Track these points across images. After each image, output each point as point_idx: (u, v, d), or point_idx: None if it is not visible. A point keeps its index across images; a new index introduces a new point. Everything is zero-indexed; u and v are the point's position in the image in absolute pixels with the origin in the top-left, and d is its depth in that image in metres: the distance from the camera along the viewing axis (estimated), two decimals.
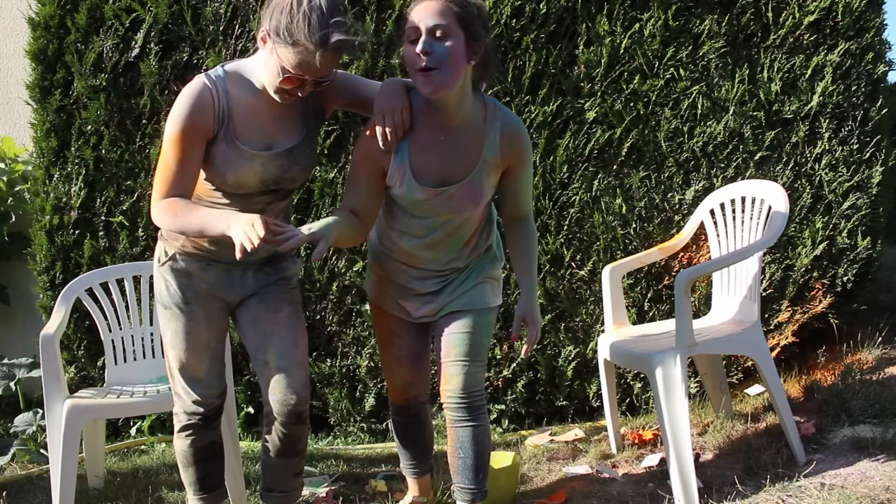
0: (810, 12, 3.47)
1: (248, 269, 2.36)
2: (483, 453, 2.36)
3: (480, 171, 2.25)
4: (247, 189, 2.21)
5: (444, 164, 2.23)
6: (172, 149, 2.11)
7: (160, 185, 2.14)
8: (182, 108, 2.10)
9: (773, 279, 3.51)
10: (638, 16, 3.55)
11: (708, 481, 2.74)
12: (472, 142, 2.23)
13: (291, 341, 2.32)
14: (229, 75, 2.16)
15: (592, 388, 3.59)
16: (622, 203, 3.56)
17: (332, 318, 3.70)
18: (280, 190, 2.27)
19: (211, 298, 2.34)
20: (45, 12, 3.77)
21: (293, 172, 2.23)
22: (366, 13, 3.61)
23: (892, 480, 2.57)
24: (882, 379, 3.29)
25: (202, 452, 2.40)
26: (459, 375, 2.31)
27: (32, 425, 3.69)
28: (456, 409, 2.34)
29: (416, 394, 2.57)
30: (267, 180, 2.20)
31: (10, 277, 4.38)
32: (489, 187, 2.29)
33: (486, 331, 2.38)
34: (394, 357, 2.52)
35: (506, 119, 2.27)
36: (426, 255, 2.36)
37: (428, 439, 2.66)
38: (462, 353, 2.32)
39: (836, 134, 3.50)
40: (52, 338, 2.85)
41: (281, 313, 2.34)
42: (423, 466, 2.67)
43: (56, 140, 3.78)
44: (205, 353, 2.34)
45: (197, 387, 2.36)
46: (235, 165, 2.15)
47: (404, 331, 2.48)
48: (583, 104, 3.57)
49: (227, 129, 2.13)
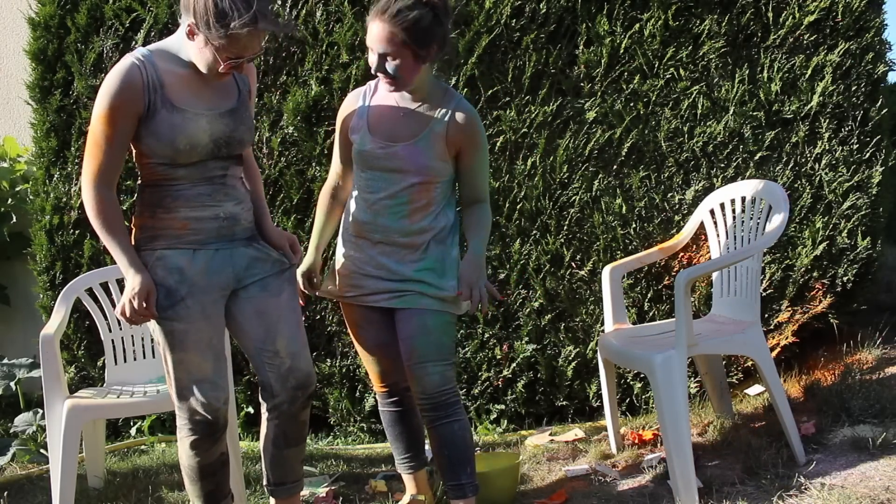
0: (810, 12, 3.47)
1: (237, 246, 2.33)
2: (466, 447, 2.44)
3: (426, 139, 2.43)
4: (200, 152, 2.22)
5: (395, 125, 2.46)
6: (102, 125, 2.16)
7: (91, 162, 2.19)
8: (111, 85, 2.15)
9: (773, 279, 3.51)
10: (638, 16, 3.55)
11: (708, 481, 2.74)
12: (424, 113, 2.46)
13: (296, 323, 2.36)
14: (155, 53, 2.22)
15: (592, 388, 3.59)
16: (622, 203, 3.56)
17: (332, 318, 3.70)
18: (232, 155, 2.31)
19: (205, 290, 2.27)
20: (45, 12, 3.77)
21: (240, 132, 2.29)
22: (366, 13, 3.60)
23: (892, 480, 2.57)
24: (882, 379, 3.29)
25: (210, 467, 2.34)
26: (426, 377, 2.41)
27: (32, 425, 3.69)
28: (430, 410, 2.43)
29: (395, 380, 2.62)
30: (217, 139, 2.24)
31: (10, 277, 4.38)
32: (434, 159, 2.44)
33: (446, 329, 2.47)
34: (363, 346, 2.61)
35: (460, 104, 2.47)
36: (369, 220, 2.48)
37: (417, 430, 2.69)
38: (423, 354, 2.42)
39: (836, 134, 3.50)
40: (52, 338, 2.85)
41: (283, 295, 2.35)
42: (417, 460, 2.69)
43: (56, 140, 3.78)
44: (208, 351, 2.27)
45: (204, 388, 2.25)
46: (183, 127, 2.18)
47: (366, 322, 2.56)
48: (583, 104, 3.57)
49: (161, 98, 2.17)
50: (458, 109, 2.45)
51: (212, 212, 2.27)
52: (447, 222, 2.51)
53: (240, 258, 2.33)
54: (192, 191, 2.25)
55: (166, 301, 2.24)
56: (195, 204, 2.26)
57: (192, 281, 2.26)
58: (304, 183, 3.68)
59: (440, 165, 2.45)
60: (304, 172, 3.68)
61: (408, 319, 2.45)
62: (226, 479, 2.42)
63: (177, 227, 2.25)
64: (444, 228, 2.50)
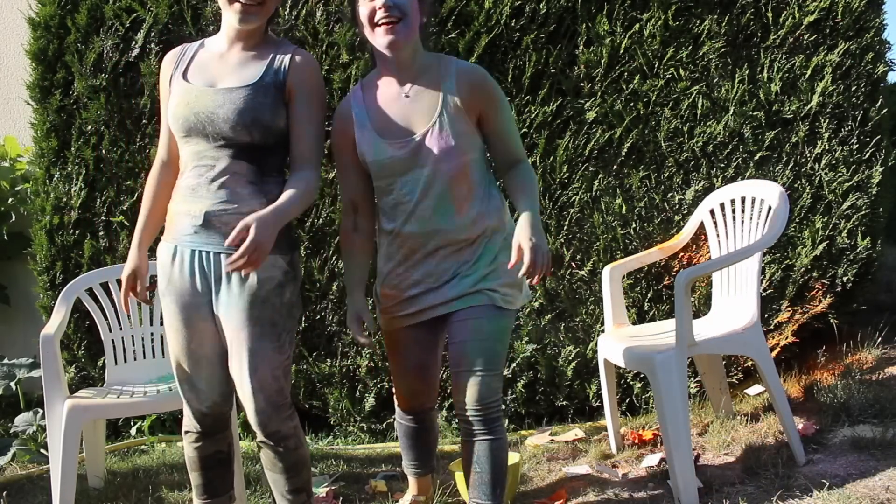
0: (810, 12, 3.47)
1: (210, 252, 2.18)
2: (500, 467, 2.25)
3: (443, 116, 2.21)
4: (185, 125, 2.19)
5: (405, 114, 2.24)
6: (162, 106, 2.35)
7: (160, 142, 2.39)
8: None
9: (773, 279, 3.51)
10: (638, 16, 3.55)
11: (708, 481, 2.74)
12: (430, 89, 2.24)
13: (251, 366, 2.16)
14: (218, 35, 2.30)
15: (592, 388, 3.59)
16: (622, 203, 3.56)
17: (332, 318, 3.70)
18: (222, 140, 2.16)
19: (183, 292, 2.20)
20: (45, 12, 3.77)
21: (225, 110, 2.14)
22: None
23: (892, 480, 2.57)
24: (882, 379, 3.29)
25: (206, 461, 2.34)
26: (473, 386, 2.21)
27: (32, 425, 3.69)
28: (470, 422, 2.24)
29: (422, 402, 2.54)
30: (199, 112, 2.16)
31: (10, 277, 4.38)
32: (460, 134, 2.22)
33: (501, 337, 2.27)
34: (400, 366, 2.46)
35: (460, 65, 2.28)
36: (417, 231, 2.26)
37: (432, 443, 2.66)
38: (475, 362, 2.22)
39: (836, 134, 3.50)
40: (52, 338, 2.85)
41: (242, 332, 2.16)
42: (425, 467, 2.67)
43: (56, 140, 3.78)
44: (185, 355, 2.23)
45: (185, 390, 2.27)
46: (175, 100, 2.22)
47: (413, 342, 2.39)
48: (583, 104, 3.57)
49: (179, 71, 2.26)
50: (462, 71, 2.24)
51: (188, 207, 2.20)
52: (498, 204, 2.32)
53: (214, 265, 2.18)
54: (184, 181, 2.23)
55: (159, 292, 2.27)
56: (181, 195, 2.23)
57: (171, 278, 2.22)
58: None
59: (468, 140, 2.24)
60: None
61: (462, 322, 2.25)
62: (223, 478, 2.39)
63: (169, 220, 2.28)
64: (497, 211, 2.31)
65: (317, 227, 3.67)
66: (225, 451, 2.37)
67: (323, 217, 3.65)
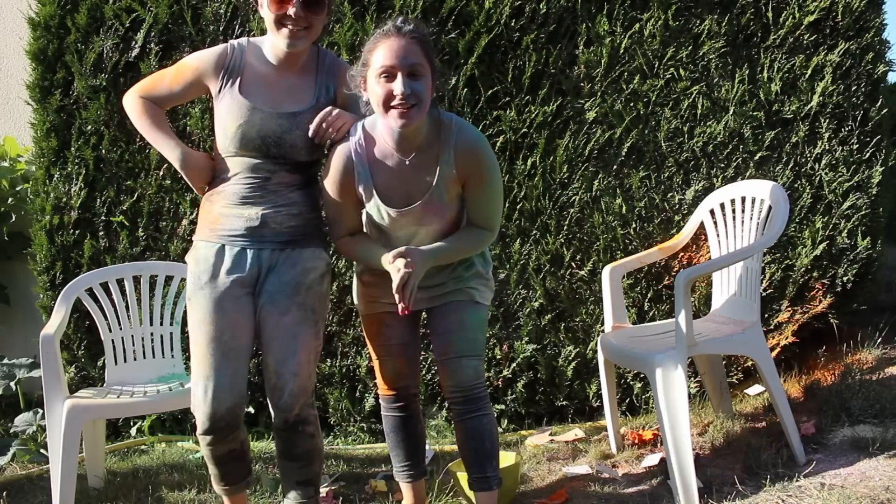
0: (810, 12, 3.47)
1: (266, 247, 2.35)
2: (493, 441, 2.43)
3: (439, 187, 2.33)
4: (247, 145, 2.31)
5: (406, 186, 2.34)
6: (173, 66, 2.43)
7: (146, 82, 2.44)
8: (202, 51, 2.43)
9: (773, 279, 3.51)
10: (638, 16, 3.55)
11: (708, 481, 2.74)
12: (429, 161, 2.33)
13: (291, 349, 2.31)
14: (250, 44, 2.40)
15: (592, 388, 3.59)
16: (622, 203, 3.56)
17: (332, 318, 3.70)
18: (283, 159, 2.33)
19: (226, 284, 2.31)
20: (45, 12, 3.77)
21: (293, 136, 2.31)
22: (366, 13, 3.61)
23: (892, 480, 2.57)
24: (882, 379, 3.29)
25: (221, 458, 2.37)
26: (459, 370, 2.40)
27: (32, 425, 3.69)
28: (461, 403, 2.41)
29: (406, 384, 2.59)
30: (266, 136, 2.30)
31: (10, 277, 4.38)
32: (451, 199, 2.37)
33: (479, 326, 2.47)
34: (384, 347, 2.55)
35: (461, 136, 2.32)
36: None
37: (419, 438, 2.66)
38: (459, 349, 2.40)
39: (836, 134, 3.50)
40: (52, 338, 2.85)
41: (286, 317, 2.31)
42: (416, 469, 2.65)
43: (56, 140, 3.78)
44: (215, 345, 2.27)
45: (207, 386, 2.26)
46: (237, 116, 2.30)
47: (394, 320, 2.50)
48: (583, 104, 3.57)
49: (232, 84, 2.34)
50: (460, 144, 2.31)
51: (240, 211, 2.34)
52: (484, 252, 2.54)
53: (266, 259, 2.35)
54: (233, 188, 2.35)
55: (191, 287, 2.35)
56: (231, 201, 2.35)
57: (213, 273, 2.33)
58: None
59: (456, 199, 2.39)
60: None
61: (444, 315, 2.45)
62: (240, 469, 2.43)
63: (211, 220, 2.37)
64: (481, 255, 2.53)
65: None
66: (238, 449, 2.40)
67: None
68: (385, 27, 2.23)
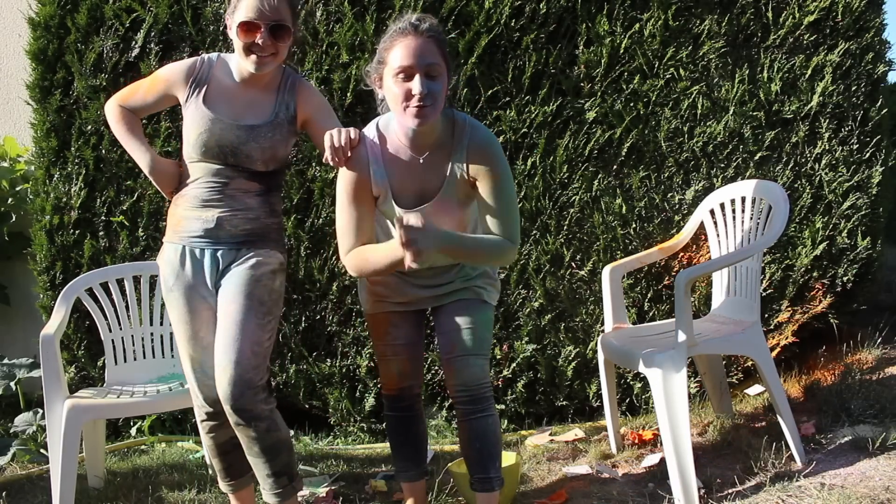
0: (810, 12, 3.47)
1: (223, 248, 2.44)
2: (496, 442, 2.43)
3: (450, 186, 2.33)
4: (206, 153, 2.42)
5: (418, 185, 2.35)
6: (149, 78, 2.56)
7: (125, 91, 2.57)
8: (173, 63, 2.54)
9: (773, 279, 3.51)
10: (638, 16, 3.55)
11: (708, 481, 2.74)
12: (442, 160, 2.33)
13: (232, 337, 2.33)
14: (220, 59, 2.51)
15: (592, 388, 3.59)
16: (622, 203, 3.56)
17: (332, 318, 3.70)
18: (240, 167, 2.42)
19: (192, 285, 2.43)
20: (45, 12, 3.77)
21: (249, 147, 2.40)
22: (366, 13, 3.61)
23: (892, 480, 2.57)
24: (882, 379, 3.29)
25: (222, 447, 2.47)
26: (466, 369, 2.38)
27: (32, 425, 3.69)
28: (467, 403, 2.39)
29: (410, 384, 2.58)
30: (224, 146, 2.40)
31: (10, 277, 4.38)
32: (461, 200, 2.37)
33: (486, 325, 2.46)
34: (390, 347, 2.54)
35: (474, 136, 2.31)
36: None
37: (421, 438, 2.66)
38: (465, 348, 2.39)
39: (836, 134, 3.50)
40: (52, 338, 2.85)
41: (232, 306, 2.37)
42: (417, 469, 2.66)
43: (56, 140, 3.78)
44: (194, 343, 2.41)
45: (199, 378, 2.40)
46: (199, 125, 2.42)
47: (401, 320, 2.52)
48: (583, 104, 3.57)
49: (197, 94, 2.45)
50: (472, 144, 2.30)
51: (199, 213, 2.43)
52: None
53: (222, 258, 2.44)
54: (194, 191, 2.46)
55: (163, 289, 2.47)
56: (192, 204, 2.45)
57: (179, 274, 2.44)
58: (304, 183, 3.68)
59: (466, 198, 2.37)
60: (304, 172, 3.68)
61: (451, 313, 2.44)
62: (240, 459, 2.48)
63: (175, 223, 2.48)
64: None
65: (317, 226, 3.67)
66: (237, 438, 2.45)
67: (323, 217, 3.65)
68: (401, 25, 2.21)
